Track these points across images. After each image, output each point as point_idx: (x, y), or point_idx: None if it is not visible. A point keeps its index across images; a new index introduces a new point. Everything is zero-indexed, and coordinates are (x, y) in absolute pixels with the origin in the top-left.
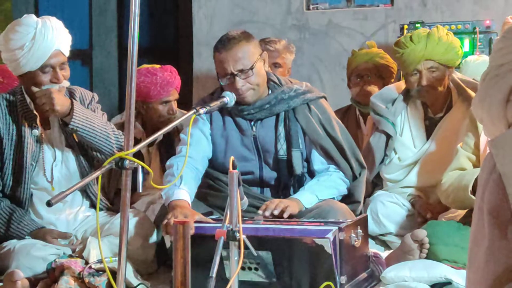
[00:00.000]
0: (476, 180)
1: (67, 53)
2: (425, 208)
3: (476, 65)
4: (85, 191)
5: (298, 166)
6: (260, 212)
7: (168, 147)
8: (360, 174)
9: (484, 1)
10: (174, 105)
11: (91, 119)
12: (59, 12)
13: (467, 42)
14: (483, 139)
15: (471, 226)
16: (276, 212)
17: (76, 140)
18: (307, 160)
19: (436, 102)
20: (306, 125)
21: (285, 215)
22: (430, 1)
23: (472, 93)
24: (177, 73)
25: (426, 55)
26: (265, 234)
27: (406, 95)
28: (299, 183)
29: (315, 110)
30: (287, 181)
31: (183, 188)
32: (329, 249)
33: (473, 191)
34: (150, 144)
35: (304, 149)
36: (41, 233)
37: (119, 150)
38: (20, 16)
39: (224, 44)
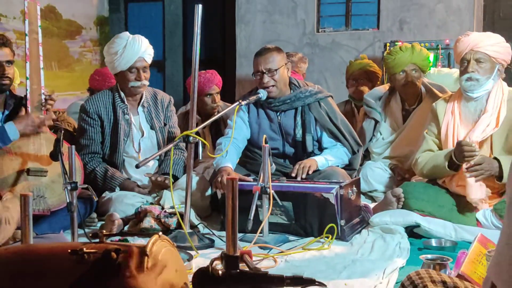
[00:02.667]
0: (449, 156)
1: (149, 60)
2: (404, 171)
3: (437, 75)
4: (159, 160)
5: (310, 146)
6: (284, 178)
7: (216, 129)
8: (358, 150)
9: (445, 26)
10: (217, 97)
11: None
12: (142, 33)
13: (432, 56)
14: (444, 128)
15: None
16: (304, 175)
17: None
18: (318, 141)
19: (412, 97)
20: (318, 116)
21: (310, 172)
22: (405, 26)
23: (437, 92)
24: (217, 74)
25: (411, 59)
26: (287, 190)
27: (390, 93)
28: (310, 157)
29: (323, 106)
30: (302, 155)
31: (228, 159)
32: (332, 200)
33: (449, 166)
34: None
35: (315, 133)
36: (126, 184)
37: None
38: None
39: (261, 51)
